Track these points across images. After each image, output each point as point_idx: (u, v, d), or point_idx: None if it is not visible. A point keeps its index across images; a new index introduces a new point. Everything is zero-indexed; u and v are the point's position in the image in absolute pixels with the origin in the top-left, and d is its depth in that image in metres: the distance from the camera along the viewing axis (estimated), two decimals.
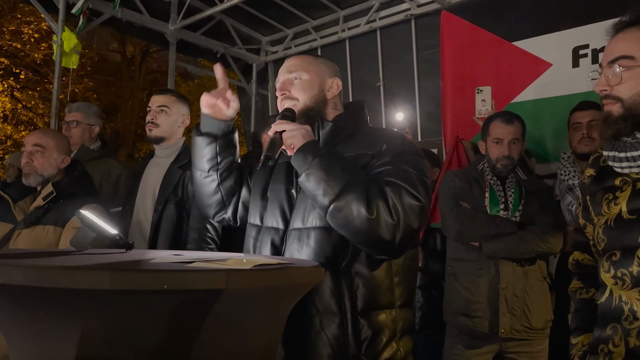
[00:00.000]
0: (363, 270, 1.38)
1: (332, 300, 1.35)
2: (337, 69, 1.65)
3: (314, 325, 1.34)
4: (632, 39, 1.25)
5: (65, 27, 4.10)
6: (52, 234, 2.19)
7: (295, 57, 1.62)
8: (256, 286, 0.97)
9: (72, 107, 3.23)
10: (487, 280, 2.30)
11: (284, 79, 1.57)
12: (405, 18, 4.31)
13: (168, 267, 0.95)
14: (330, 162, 1.32)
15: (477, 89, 3.18)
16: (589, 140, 2.47)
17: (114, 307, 0.89)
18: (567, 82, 3.34)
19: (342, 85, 1.62)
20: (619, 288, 1.26)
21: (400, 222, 1.28)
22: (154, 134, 2.61)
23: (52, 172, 2.31)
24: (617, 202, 1.29)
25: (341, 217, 1.29)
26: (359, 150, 1.45)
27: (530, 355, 2.30)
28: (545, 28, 3.47)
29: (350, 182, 1.29)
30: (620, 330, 1.24)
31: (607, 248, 1.31)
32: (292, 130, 1.38)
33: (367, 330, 1.36)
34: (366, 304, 1.37)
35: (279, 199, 1.52)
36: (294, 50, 5.18)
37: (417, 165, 1.39)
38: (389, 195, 1.29)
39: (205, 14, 4.55)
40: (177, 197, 2.50)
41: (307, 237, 1.41)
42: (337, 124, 1.53)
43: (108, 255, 1.26)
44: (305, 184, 1.33)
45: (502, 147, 2.37)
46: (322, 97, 1.56)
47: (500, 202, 2.35)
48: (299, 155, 1.35)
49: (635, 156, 1.26)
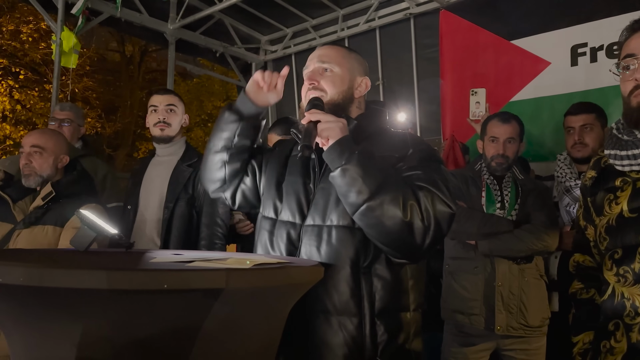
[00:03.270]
0: (383, 272, 1.37)
1: (351, 300, 1.34)
2: (367, 67, 1.61)
3: (332, 325, 1.33)
4: None
5: (65, 27, 4.10)
6: (52, 234, 2.19)
7: (329, 46, 1.57)
8: (256, 285, 0.98)
9: (65, 106, 3.27)
10: (483, 278, 2.32)
11: (315, 68, 1.52)
12: (404, 17, 4.31)
13: (168, 267, 0.96)
14: (367, 159, 1.30)
15: (471, 90, 3.19)
16: (582, 146, 2.47)
17: (115, 306, 0.89)
18: (565, 81, 3.35)
19: None
20: (621, 285, 1.28)
21: (431, 227, 1.26)
22: (167, 134, 2.62)
23: (52, 172, 2.31)
24: (618, 202, 1.31)
25: (374, 216, 1.26)
26: (385, 151, 1.42)
27: (527, 352, 2.32)
28: (543, 27, 3.47)
29: (385, 182, 1.27)
30: (622, 326, 1.26)
31: (609, 247, 1.33)
32: (329, 122, 1.33)
33: (384, 333, 1.35)
34: (384, 306, 1.36)
35: (296, 193, 1.48)
36: (293, 49, 5.18)
37: (442, 173, 1.38)
38: (422, 199, 1.28)
39: (204, 13, 4.55)
40: (187, 194, 2.54)
41: (328, 235, 1.38)
42: (361, 122, 1.50)
43: (108, 255, 1.27)
44: (338, 179, 1.29)
45: (498, 145, 2.39)
46: (350, 95, 1.52)
47: (497, 201, 2.37)
48: (335, 149, 1.31)
49: (637, 154, 1.27)
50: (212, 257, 1.14)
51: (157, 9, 4.58)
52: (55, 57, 4.07)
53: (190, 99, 13.96)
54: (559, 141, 3.16)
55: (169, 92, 2.77)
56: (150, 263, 1.05)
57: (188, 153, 2.65)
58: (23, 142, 2.34)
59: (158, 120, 2.60)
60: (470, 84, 3.70)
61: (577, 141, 2.49)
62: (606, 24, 3.21)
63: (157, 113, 2.62)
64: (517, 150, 2.42)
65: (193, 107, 14.02)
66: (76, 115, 3.23)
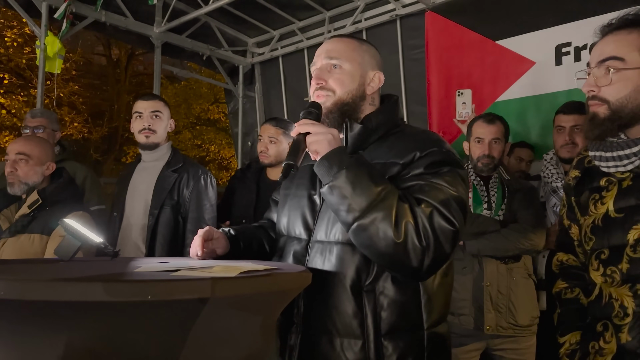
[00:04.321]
0: (388, 289, 1.26)
1: (354, 321, 1.25)
2: (380, 59, 1.47)
3: (335, 347, 1.25)
4: (623, 41, 1.25)
5: (49, 32, 4.06)
6: (38, 242, 2.17)
7: (338, 39, 1.43)
8: (242, 293, 0.97)
9: (37, 113, 3.22)
10: (471, 278, 2.33)
11: (322, 65, 1.40)
12: (390, 18, 4.32)
13: (152, 277, 0.95)
14: (357, 174, 1.18)
15: (458, 91, 3.21)
16: (572, 146, 2.47)
17: (99, 318, 0.88)
18: (550, 80, 3.38)
19: None
20: (609, 285, 1.28)
21: (430, 247, 1.15)
22: (152, 140, 2.60)
23: (37, 179, 2.28)
24: (604, 202, 1.31)
25: (365, 236, 1.17)
26: (389, 158, 1.31)
27: (517, 352, 2.33)
28: (527, 26, 3.50)
29: (377, 199, 1.16)
30: (611, 326, 1.26)
31: (595, 247, 1.32)
32: (318, 134, 1.23)
33: (392, 354, 1.24)
34: (391, 326, 1.25)
35: (300, 207, 1.41)
36: (280, 51, 5.18)
37: (453, 179, 1.24)
38: (420, 216, 1.16)
39: (190, 17, 4.53)
40: (172, 200, 2.53)
41: (330, 252, 1.30)
42: (368, 124, 1.37)
43: (93, 265, 1.25)
44: (329, 196, 1.21)
45: (483, 146, 2.42)
46: (361, 92, 1.39)
47: (484, 202, 2.39)
48: (323, 164, 1.22)
49: (622, 155, 1.27)
50: (198, 266, 1.13)
51: (142, 12, 4.54)
52: (39, 63, 4.03)
53: (178, 102, 13.91)
54: (544, 141, 3.19)
55: (153, 97, 2.74)
56: (134, 273, 1.04)
57: (174, 158, 2.63)
58: (8, 150, 2.31)
59: (143, 127, 2.58)
60: (456, 85, 3.72)
61: (567, 141, 2.49)
62: (590, 23, 3.24)
63: (141, 119, 2.59)
64: (503, 151, 2.45)
65: (181, 110, 13.97)
66: (49, 120, 3.18)
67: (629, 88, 1.23)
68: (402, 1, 4.22)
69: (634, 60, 1.23)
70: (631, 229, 1.23)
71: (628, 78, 1.23)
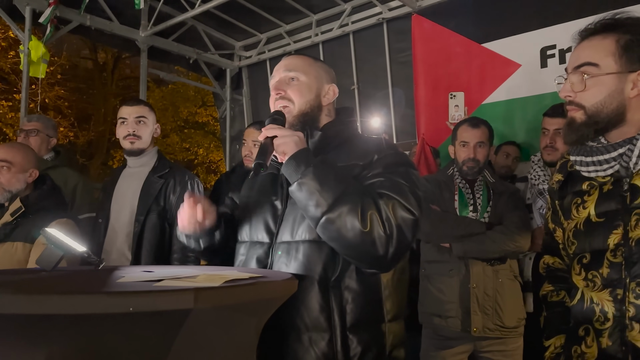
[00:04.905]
0: (352, 284, 1.34)
1: (321, 316, 1.31)
2: (334, 75, 1.60)
3: (303, 342, 1.31)
4: (597, 47, 1.26)
5: (33, 36, 4.02)
6: (22, 250, 2.13)
7: (295, 56, 1.56)
8: (226, 304, 0.96)
9: (32, 117, 3.25)
10: (458, 280, 2.34)
11: (281, 77, 1.50)
12: (377, 22, 4.34)
13: (134, 288, 0.93)
14: (324, 171, 1.28)
15: (450, 94, 3.22)
16: (552, 149, 2.50)
17: (80, 331, 0.87)
18: (536, 82, 3.40)
19: None
20: (590, 290, 1.28)
21: (393, 236, 1.24)
22: (137, 146, 2.57)
23: (20, 187, 2.24)
24: (586, 206, 1.31)
25: (333, 229, 1.25)
26: (350, 160, 1.41)
27: (504, 353, 2.34)
28: (513, 29, 3.53)
29: (343, 194, 1.26)
30: (592, 331, 1.26)
31: (577, 251, 1.33)
32: (284, 136, 1.33)
33: (357, 346, 1.32)
34: (355, 319, 1.33)
35: (262, 213, 1.47)
36: (268, 55, 5.17)
37: (409, 177, 1.36)
38: (383, 208, 1.26)
39: (176, 20, 4.51)
40: (159, 206, 2.50)
41: (296, 250, 1.36)
42: (327, 132, 1.49)
43: (75, 275, 1.24)
44: (297, 193, 1.29)
45: (468, 149, 2.44)
46: (318, 103, 1.51)
47: (469, 204, 2.41)
48: (291, 164, 1.30)
49: (602, 160, 1.28)
50: (182, 275, 1.12)
51: (128, 16, 4.52)
52: (23, 67, 3.99)
53: (165, 105, 13.82)
54: (531, 143, 3.21)
55: (138, 102, 2.71)
56: (116, 284, 1.02)
57: (160, 164, 2.60)
58: None
59: (128, 132, 2.55)
60: (443, 87, 3.74)
61: (548, 144, 2.52)
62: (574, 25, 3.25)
63: (126, 125, 2.57)
64: (488, 154, 2.47)
65: (168, 114, 13.89)
66: (45, 125, 3.18)
67: (603, 93, 1.25)
68: (388, 4, 4.24)
69: (608, 66, 1.24)
70: (611, 234, 1.24)
71: (602, 83, 1.25)
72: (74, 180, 3.07)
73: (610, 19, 1.28)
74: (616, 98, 1.24)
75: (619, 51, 1.23)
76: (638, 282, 1.19)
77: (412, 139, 4.08)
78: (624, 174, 1.25)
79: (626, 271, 1.21)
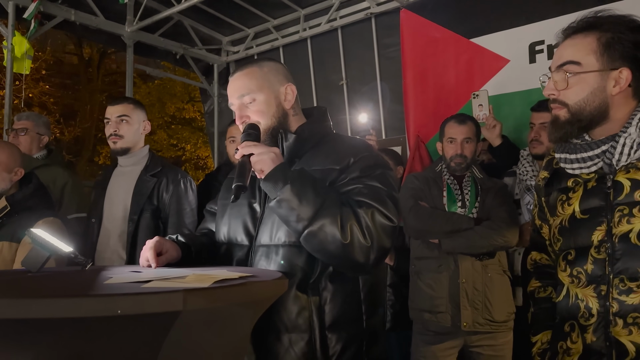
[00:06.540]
0: (331, 285, 1.38)
1: (300, 317, 1.34)
2: (286, 70, 1.58)
3: (283, 343, 1.33)
4: (579, 45, 1.28)
5: (16, 32, 3.95)
6: (7, 250, 2.11)
7: (239, 75, 1.52)
8: (216, 305, 0.95)
9: (22, 116, 3.22)
10: (447, 276, 2.36)
11: (238, 105, 1.50)
12: (365, 17, 4.31)
13: (121, 290, 0.92)
14: (302, 186, 1.29)
15: (473, 94, 3.17)
16: (537, 143, 2.58)
17: (66, 334, 0.85)
18: (524, 78, 3.40)
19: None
20: (575, 286, 1.30)
21: (374, 244, 1.28)
22: (120, 146, 2.56)
23: (5, 186, 2.21)
24: (570, 203, 1.33)
25: (316, 242, 1.28)
26: (326, 164, 1.42)
27: (494, 348, 2.36)
28: (501, 24, 3.53)
29: (322, 207, 1.27)
30: (577, 327, 1.28)
31: (562, 247, 1.34)
32: (260, 154, 1.33)
33: (336, 345, 1.36)
34: (334, 319, 1.37)
35: (241, 215, 1.50)
36: (255, 50, 5.13)
37: (386, 180, 1.39)
38: (362, 217, 1.28)
39: (162, 15, 4.45)
40: (152, 205, 2.50)
41: (275, 254, 1.39)
42: (301, 135, 1.50)
43: (62, 276, 1.22)
44: (277, 210, 1.31)
45: (456, 145, 2.47)
46: (282, 111, 1.51)
47: (458, 200, 2.42)
48: (269, 181, 1.31)
49: (585, 157, 1.29)
50: (171, 275, 1.11)
51: (113, 11, 4.45)
52: (7, 63, 3.92)
53: (152, 101, 13.67)
54: (519, 138, 3.22)
55: (121, 101, 2.68)
56: (103, 285, 1.01)
57: (152, 162, 2.59)
58: None
59: (110, 133, 2.54)
60: (431, 82, 3.74)
61: (534, 138, 2.59)
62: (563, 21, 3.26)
63: (110, 125, 2.56)
64: (475, 150, 2.49)
65: (155, 110, 13.74)
66: (35, 123, 3.16)
67: (585, 91, 1.26)
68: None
69: (589, 64, 1.25)
70: (595, 230, 1.25)
71: (585, 81, 1.26)
72: (62, 179, 3.03)
73: (592, 17, 1.29)
74: (599, 96, 1.26)
75: (601, 49, 1.25)
76: (621, 278, 1.20)
77: (401, 135, 4.08)
78: (608, 170, 1.26)
79: (610, 267, 1.22)
